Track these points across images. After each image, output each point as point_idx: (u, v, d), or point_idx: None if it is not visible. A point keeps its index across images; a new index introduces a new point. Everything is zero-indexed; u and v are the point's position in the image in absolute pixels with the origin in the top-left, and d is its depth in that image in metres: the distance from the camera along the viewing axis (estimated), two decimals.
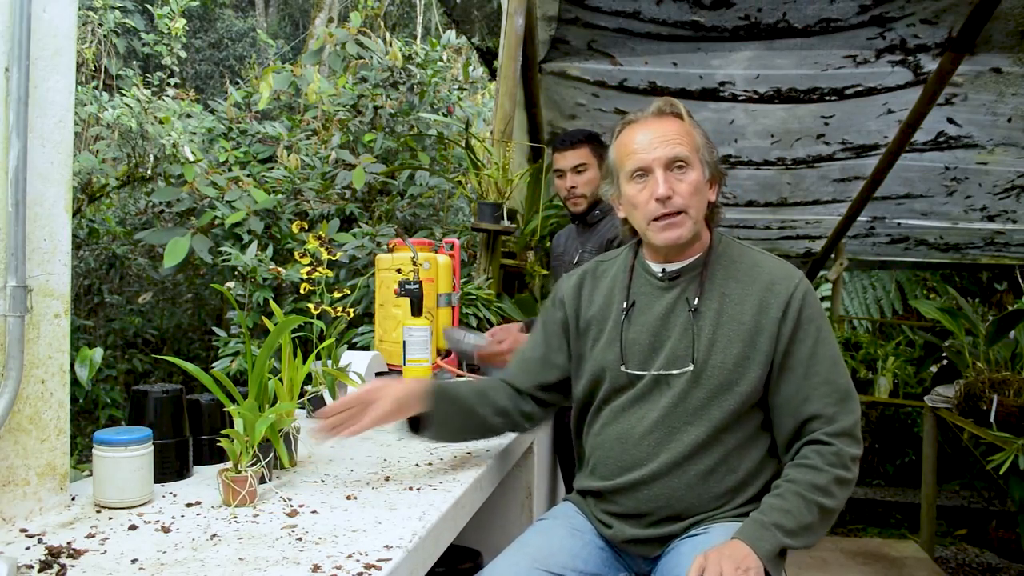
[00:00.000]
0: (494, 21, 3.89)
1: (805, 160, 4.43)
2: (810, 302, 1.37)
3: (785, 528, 1.21)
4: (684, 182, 1.36)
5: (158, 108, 5.41)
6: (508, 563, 1.33)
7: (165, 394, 1.33)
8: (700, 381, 1.35)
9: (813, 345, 1.34)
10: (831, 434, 1.30)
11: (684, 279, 1.42)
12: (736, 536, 1.20)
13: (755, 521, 1.23)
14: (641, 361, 1.40)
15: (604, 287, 1.51)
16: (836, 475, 1.27)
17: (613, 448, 1.41)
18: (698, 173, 1.37)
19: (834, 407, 1.31)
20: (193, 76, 9.41)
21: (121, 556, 0.98)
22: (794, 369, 1.34)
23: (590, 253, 2.42)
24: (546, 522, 1.47)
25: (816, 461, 1.28)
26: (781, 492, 1.27)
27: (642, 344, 1.41)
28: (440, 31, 7.06)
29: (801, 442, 1.33)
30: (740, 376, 1.34)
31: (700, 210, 1.39)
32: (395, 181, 4.10)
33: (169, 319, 4.76)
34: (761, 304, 1.36)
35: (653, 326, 1.41)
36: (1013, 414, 3.05)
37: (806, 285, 1.38)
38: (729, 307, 1.37)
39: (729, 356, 1.34)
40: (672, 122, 1.39)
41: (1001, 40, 3.30)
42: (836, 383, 1.33)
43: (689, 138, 1.38)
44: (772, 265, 1.42)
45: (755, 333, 1.35)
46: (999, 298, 6.60)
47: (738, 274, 1.40)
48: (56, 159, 1.13)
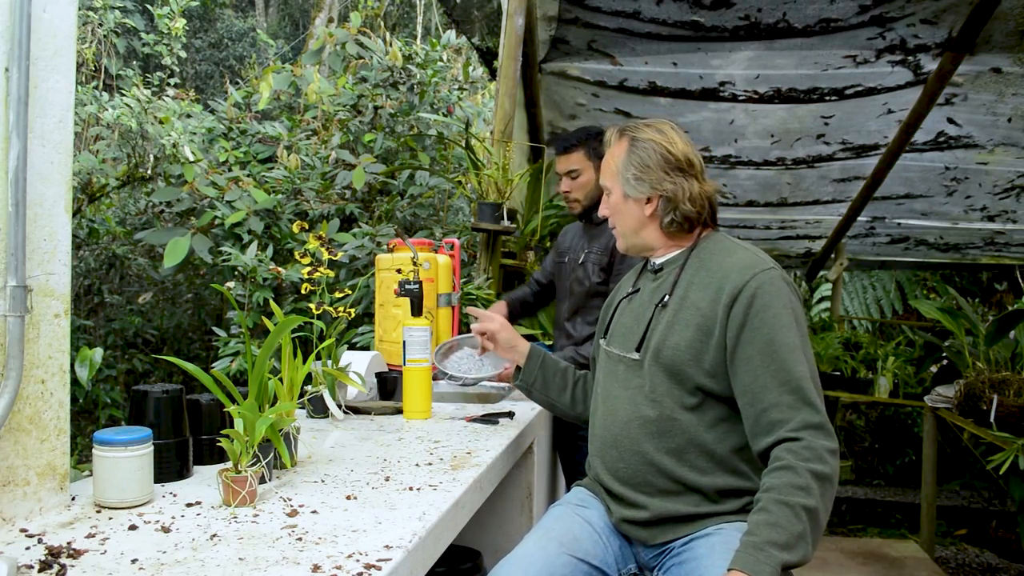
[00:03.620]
0: (494, 21, 3.89)
1: (805, 160, 4.43)
2: (766, 292, 1.37)
3: (778, 543, 1.18)
4: (606, 205, 1.61)
5: (158, 108, 5.42)
6: (537, 547, 1.37)
7: (165, 394, 1.33)
8: (657, 362, 1.44)
9: (769, 334, 1.34)
10: (795, 428, 1.29)
11: (666, 271, 1.56)
12: (733, 566, 1.18)
13: (747, 545, 1.20)
14: (618, 340, 1.57)
15: (632, 274, 1.72)
16: (812, 469, 1.24)
17: (597, 426, 1.56)
18: (616, 195, 1.56)
19: (791, 395, 1.31)
20: (193, 76, 9.41)
21: (121, 556, 0.98)
22: (750, 359, 1.35)
23: (596, 254, 2.41)
24: (563, 508, 1.52)
25: (788, 460, 1.26)
26: (763, 505, 1.24)
27: (623, 325, 1.59)
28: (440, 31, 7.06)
29: (770, 441, 1.31)
30: (694, 359, 1.40)
31: (625, 225, 1.57)
32: (395, 181, 4.10)
33: (169, 319, 4.76)
34: (716, 292, 1.42)
35: (635, 310, 1.58)
36: (1013, 414, 3.05)
37: (766, 277, 1.38)
38: (692, 294, 1.46)
39: (683, 339, 1.42)
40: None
41: (1001, 40, 3.30)
42: (792, 371, 1.32)
43: (607, 168, 1.58)
44: (740, 257, 1.45)
45: (710, 319, 1.41)
46: (999, 298, 6.61)
47: (710, 264, 1.48)
48: (56, 159, 1.13)
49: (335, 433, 1.73)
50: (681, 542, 1.38)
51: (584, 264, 2.44)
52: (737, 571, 1.16)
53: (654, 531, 1.41)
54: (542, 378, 1.78)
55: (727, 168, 4.58)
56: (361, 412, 1.94)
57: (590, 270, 2.41)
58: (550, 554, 1.34)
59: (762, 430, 1.33)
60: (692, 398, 1.41)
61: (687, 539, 1.38)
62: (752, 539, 1.20)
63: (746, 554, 1.18)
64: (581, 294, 2.43)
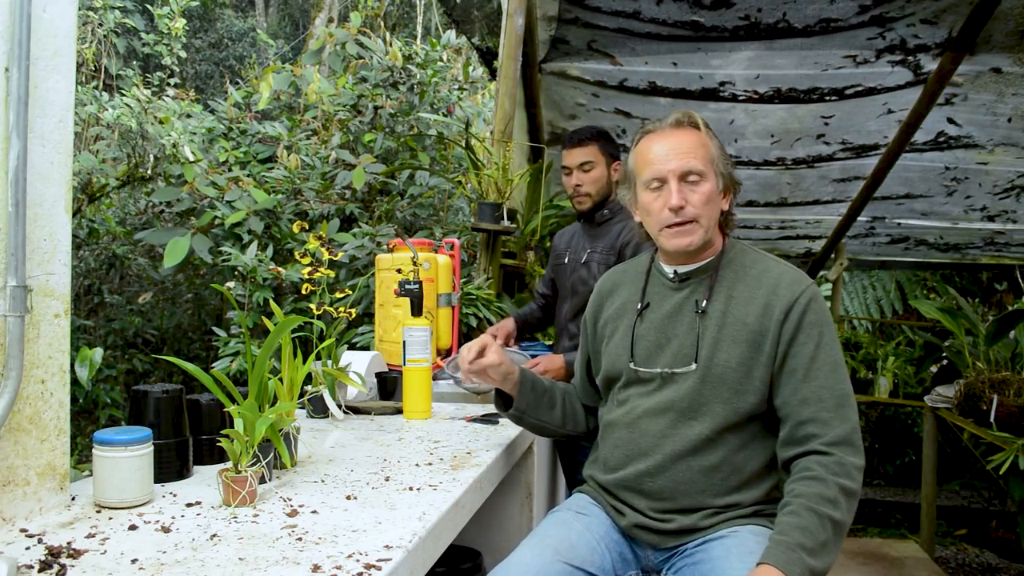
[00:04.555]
0: (494, 21, 3.89)
1: (805, 160, 4.43)
2: (815, 308, 1.38)
3: (807, 547, 1.19)
4: (697, 193, 1.41)
5: (158, 108, 5.42)
6: (532, 554, 1.35)
7: (165, 394, 1.33)
8: (706, 379, 1.39)
9: (814, 349, 1.36)
10: (829, 443, 1.30)
11: (694, 281, 1.48)
12: (765, 561, 1.18)
13: (779, 543, 1.20)
14: (647, 358, 1.47)
15: (624, 290, 1.60)
16: (841, 484, 1.26)
17: (621, 439, 1.47)
18: (711, 184, 1.43)
19: (830, 412, 1.32)
20: (193, 76, 9.41)
21: (121, 556, 0.98)
22: (794, 372, 1.36)
23: (601, 254, 2.39)
24: (562, 514, 1.49)
25: (819, 472, 1.28)
26: (794, 508, 1.25)
27: (649, 341, 1.47)
28: (440, 31, 7.06)
29: (800, 451, 1.33)
30: (744, 376, 1.37)
31: (712, 219, 1.45)
32: (395, 181, 4.10)
33: (169, 319, 4.76)
34: (766, 307, 1.39)
35: (660, 324, 1.47)
36: (1013, 414, 3.04)
37: (813, 292, 1.40)
38: (735, 308, 1.41)
39: (733, 356, 1.38)
40: (689, 134, 1.45)
41: (1001, 40, 3.30)
42: (834, 388, 1.34)
43: (705, 150, 1.44)
44: (781, 271, 1.44)
45: (759, 335, 1.38)
46: (999, 298, 6.61)
47: (747, 278, 1.44)
48: (56, 159, 1.13)
49: (335, 433, 1.73)
50: (693, 544, 1.38)
51: (588, 264, 2.42)
52: (770, 566, 1.16)
53: (667, 537, 1.41)
54: (533, 400, 1.62)
55: None
56: (361, 412, 1.94)
57: (595, 269, 2.38)
58: (544, 560, 1.33)
59: (796, 441, 1.34)
60: (734, 416, 1.38)
61: (700, 541, 1.38)
62: (783, 539, 1.21)
63: (778, 552, 1.19)
64: (584, 293, 2.41)
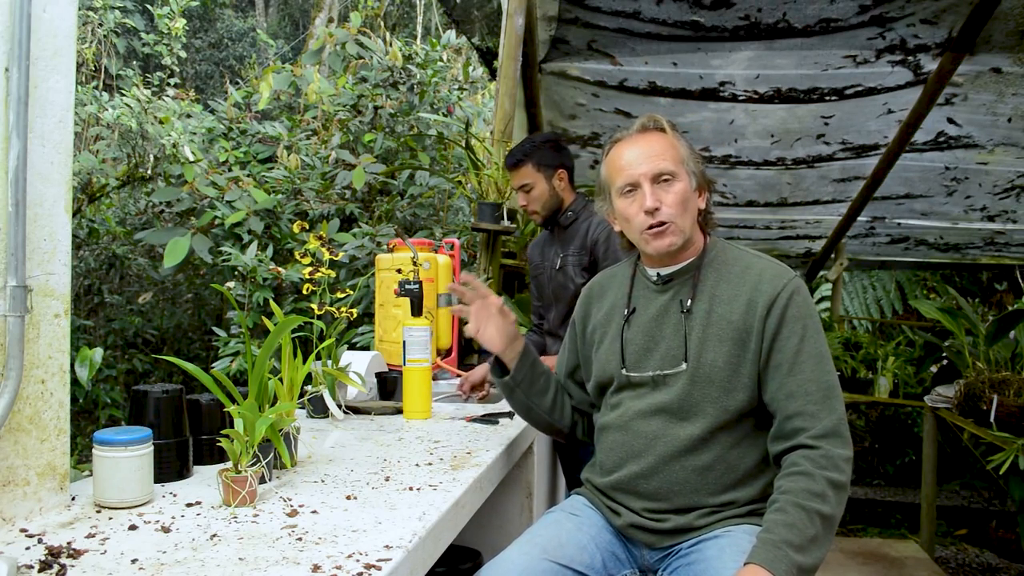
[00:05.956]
0: (494, 21, 3.89)
1: (805, 160, 4.43)
2: (797, 301, 1.39)
3: (794, 544, 1.19)
4: (671, 193, 1.42)
5: (158, 108, 5.42)
6: (519, 552, 1.36)
7: (165, 394, 1.33)
8: (695, 380, 1.40)
9: (798, 343, 1.36)
10: (816, 436, 1.31)
11: (677, 282, 1.48)
12: (751, 560, 1.18)
13: (765, 542, 1.21)
14: (637, 362, 1.47)
15: (610, 296, 1.60)
16: (828, 477, 1.27)
17: (615, 442, 1.48)
18: (684, 183, 1.44)
19: (816, 405, 1.33)
20: (193, 76, 9.42)
21: (121, 556, 0.98)
22: (779, 367, 1.36)
23: (574, 255, 2.40)
24: (555, 515, 1.50)
25: (806, 466, 1.28)
26: (780, 505, 1.25)
27: (638, 345, 1.48)
28: (440, 31, 7.06)
29: (788, 445, 1.33)
30: (733, 374, 1.38)
31: (688, 218, 1.45)
32: (395, 181, 4.10)
33: (169, 319, 4.76)
34: (749, 303, 1.40)
35: (648, 327, 1.48)
36: (1013, 414, 3.04)
37: (795, 285, 1.40)
38: (719, 307, 1.42)
39: (720, 355, 1.39)
40: (657, 137, 1.47)
41: (1001, 40, 3.30)
42: (819, 380, 1.34)
43: (674, 151, 1.45)
44: (763, 266, 1.45)
45: (744, 332, 1.39)
46: (999, 298, 6.61)
47: (730, 276, 1.44)
48: (56, 159, 1.13)
49: (335, 433, 1.73)
50: (688, 544, 1.39)
51: (563, 268, 2.43)
52: (756, 565, 1.17)
53: (662, 536, 1.41)
54: (530, 377, 1.62)
55: (727, 168, 4.58)
56: (361, 412, 1.94)
57: (571, 272, 2.39)
58: (531, 559, 1.33)
59: (784, 436, 1.35)
60: (725, 415, 1.38)
61: (694, 540, 1.38)
62: (769, 536, 1.21)
63: (764, 550, 1.19)
64: (567, 298, 2.41)
